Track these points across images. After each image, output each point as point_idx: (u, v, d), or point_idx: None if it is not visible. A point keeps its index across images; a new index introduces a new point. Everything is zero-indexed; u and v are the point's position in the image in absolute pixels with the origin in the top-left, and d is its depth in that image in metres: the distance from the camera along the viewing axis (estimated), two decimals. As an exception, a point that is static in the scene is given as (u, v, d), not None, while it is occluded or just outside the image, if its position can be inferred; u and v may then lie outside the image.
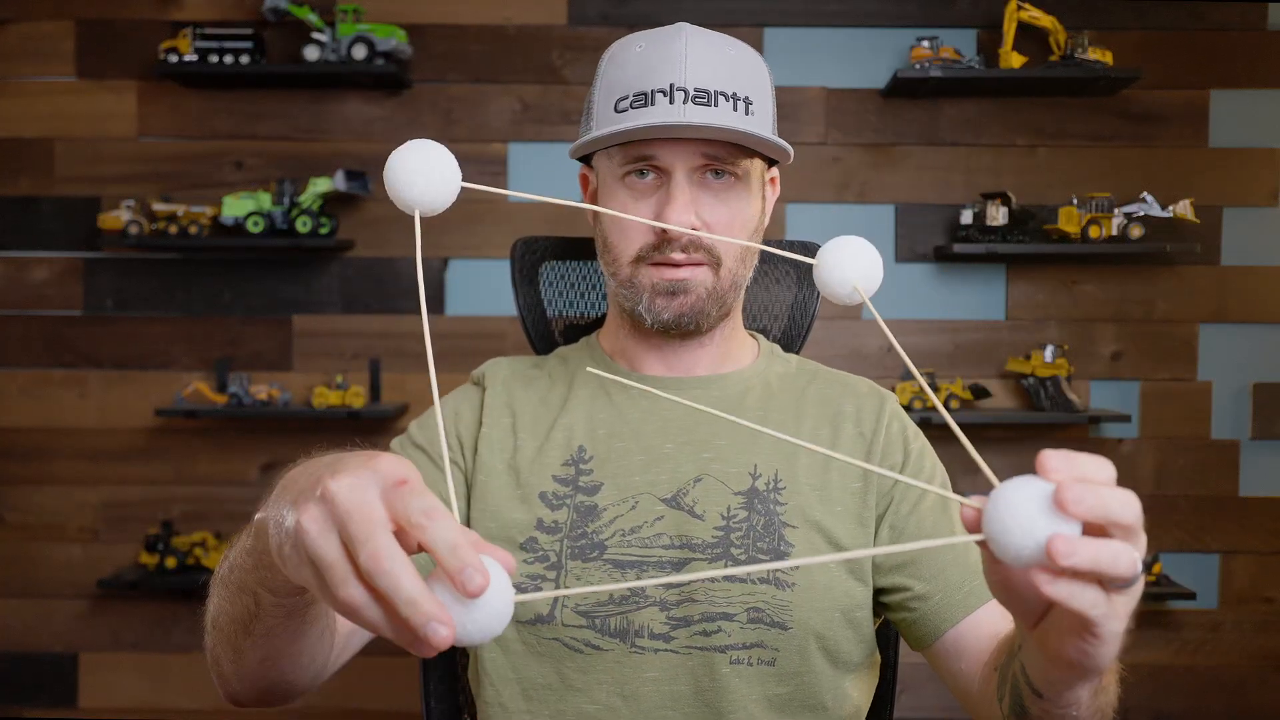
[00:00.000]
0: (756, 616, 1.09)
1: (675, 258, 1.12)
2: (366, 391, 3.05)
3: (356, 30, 2.91)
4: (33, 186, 3.10)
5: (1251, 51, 3.06)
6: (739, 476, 1.14)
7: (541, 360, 1.30)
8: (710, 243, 1.12)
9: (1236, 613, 3.08)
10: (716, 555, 1.10)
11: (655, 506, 1.12)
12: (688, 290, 1.13)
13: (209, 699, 3.12)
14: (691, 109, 1.08)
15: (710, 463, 1.14)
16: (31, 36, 3.09)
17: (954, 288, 3.10)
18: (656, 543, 1.11)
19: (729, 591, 1.09)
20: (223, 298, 3.11)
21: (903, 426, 1.21)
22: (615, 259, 1.15)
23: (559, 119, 3.09)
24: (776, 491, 1.13)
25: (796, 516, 1.12)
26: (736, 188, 1.13)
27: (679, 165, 1.10)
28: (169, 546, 2.99)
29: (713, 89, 1.09)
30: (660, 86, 1.09)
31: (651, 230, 1.12)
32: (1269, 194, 3.08)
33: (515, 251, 1.51)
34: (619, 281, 1.16)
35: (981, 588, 1.10)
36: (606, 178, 1.16)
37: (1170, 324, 3.10)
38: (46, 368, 3.12)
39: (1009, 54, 2.92)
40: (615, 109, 1.12)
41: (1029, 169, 3.09)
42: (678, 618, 1.09)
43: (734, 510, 1.12)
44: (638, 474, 1.14)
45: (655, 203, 1.12)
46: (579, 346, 1.30)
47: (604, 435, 1.17)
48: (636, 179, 1.13)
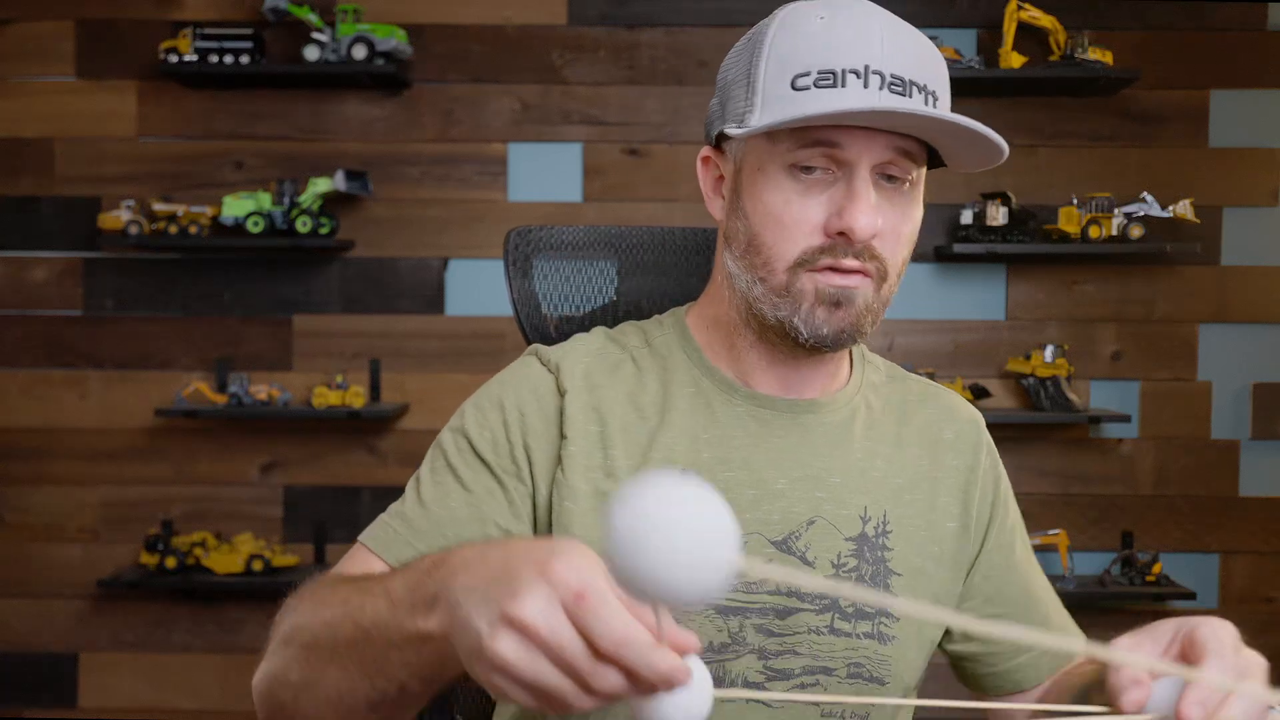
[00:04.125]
0: (856, 672, 1.02)
1: (847, 264, 0.97)
2: (366, 391, 3.05)
3: (356, 30, 2.91)
4: (33, 186, 3.10)
5: (1251, 51, 3.06)
6: (850, 520, 1.04)
7: (619, 336, 1.11)
8: (883, 252, 0.98)
9: (1236, 613, 3.07)
10: (824, 607, 1.01)
11: (764, 549, 1.02)
12: (852, 301, 0.98)
13: (209, 699, 3.12)
14: (887, 96, 0.94)
15: (823, 503, 1.03)
16: (31, 36, 3.09)
17: (954, 288, 3.10)
18: (762, 588, 1.01)
19: (832, 646, 1.01)
20: (223, 298, 3.11)
21: (995, 460, 1.13)
22: (768, 262, 0.99)
23: (559, 119, 3.09)
24: (885, 535, 1.04)
25: (902, 563, 1.04)
26: (910, 195, 1.00)
27: (865, 159, 0.96)
28: (169, 546, 2.99)
29: (907, 77, 0.95)
30: (853, 66, 0.94)
31: (820, 231, 0.97)
32: (1269, 194, 3.07)
33: (508, 243, 1.49)
34: (769, 289, 0.99)
35: (1055, 660, 1.09)
36: (765, 164, 0.99)
37: (1170, 324, 3.09)
38: (46, 368, 3.12)
39: (1009, 54, 2.92)
40: (793, 85, 0.95)
41: (1029, 169, 3.08)
42: (776, 669, 1.01)
43: (844, 558, 1.03)
44: (747, 511, 1.02)
45: (829, 200, 0.96)
46: (665, 327, 1.12)
47: (710, 460, 1.03)
48: (808, 173, 0.97)
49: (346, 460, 3.11)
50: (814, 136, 0.95)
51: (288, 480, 3.12)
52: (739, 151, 1.02)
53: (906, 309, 3.08)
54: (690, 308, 1.13)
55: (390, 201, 3.10)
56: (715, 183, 1.07)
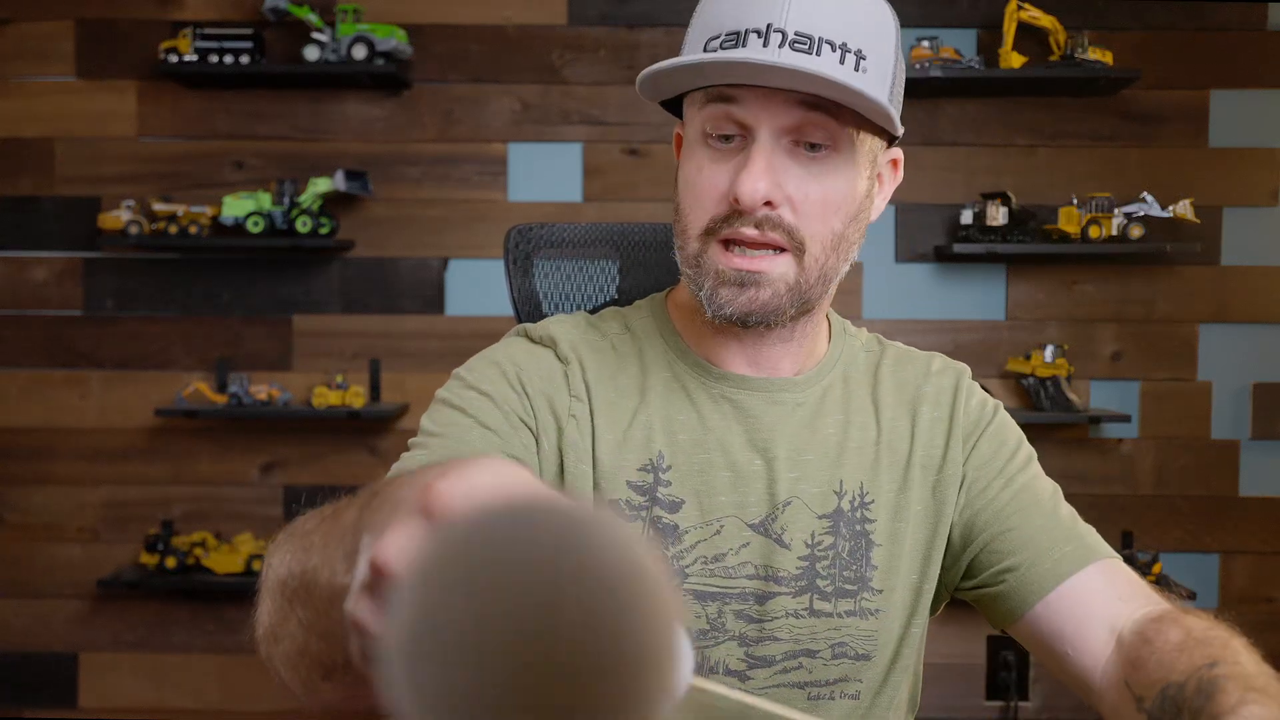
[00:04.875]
0: (840, 651, 1.00)
1: (746, 233, 0.94)
2: (366, 391, 3.05)
3: (356, 30, 2.91)
4: (33, 186, 3.10)
5: (1251, 51, 3.06)
6: (824, 497, 1.02)
7: (598, 322, 1.10)
8: (791, 222, 0.94)
9: (1237, 613, 3.06)
10: (801, 588, 1.00)
11: (742, 532, 1.00)
12: (760, 284, 0.95)
13: (209, 699, 3.13)
14: (787, 53, 0.90)
15: (798, 483, 1.02)
16: (31, 36, 3.09)
17: (954, 288, 3.10)
18: (740, 572, 1.00)
19: (814, 627, 1.00)
20: (223, 298, 3.11)
21: (982, 400, 1.09)
22: (684, 230, 0.99)
23: (559, 119, 3.09)
24: (864, 508, 1.02)
25: (883, 533, 1.02)
26: (834, 161, 0.95)
27: (764, 122, 0.92)
28: (169, 546, 2.99)
29: (817, 35, 0.90)
30: (755, 25, 0.91)
31: (725, 198, 0.94)
32: (1269, 194, 3.07)
33: (509, 241, 1.49)
34: (686, 257, 0.99)
35: (1075, 554, 0.99)
36: (690, 133, 0.99)
37: (1170, 324, 3.10)
38: (46, 368, 3.12)
39: (1009, 54, 2.92)
40: (705, 48, 0.94)
41: (1029, 169, 3.09)
42: (757, 656, 1.00)
43: (819, 536, 1.01)
44: (723, 493, 1.01)
45: (734, 168, 0.94)
46: (643, 311, 1.11)
47: (685, 442, 1.02)
48: (721, 143, 0.95)
49: (346, 460, 3.11)
50: (715, 94, 0.93)
51: (288, 480, 3.12)
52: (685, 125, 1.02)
53: (906, 309, 3.08)
54: (672, 290, 1.12)
55: (390, 201, 3.10)
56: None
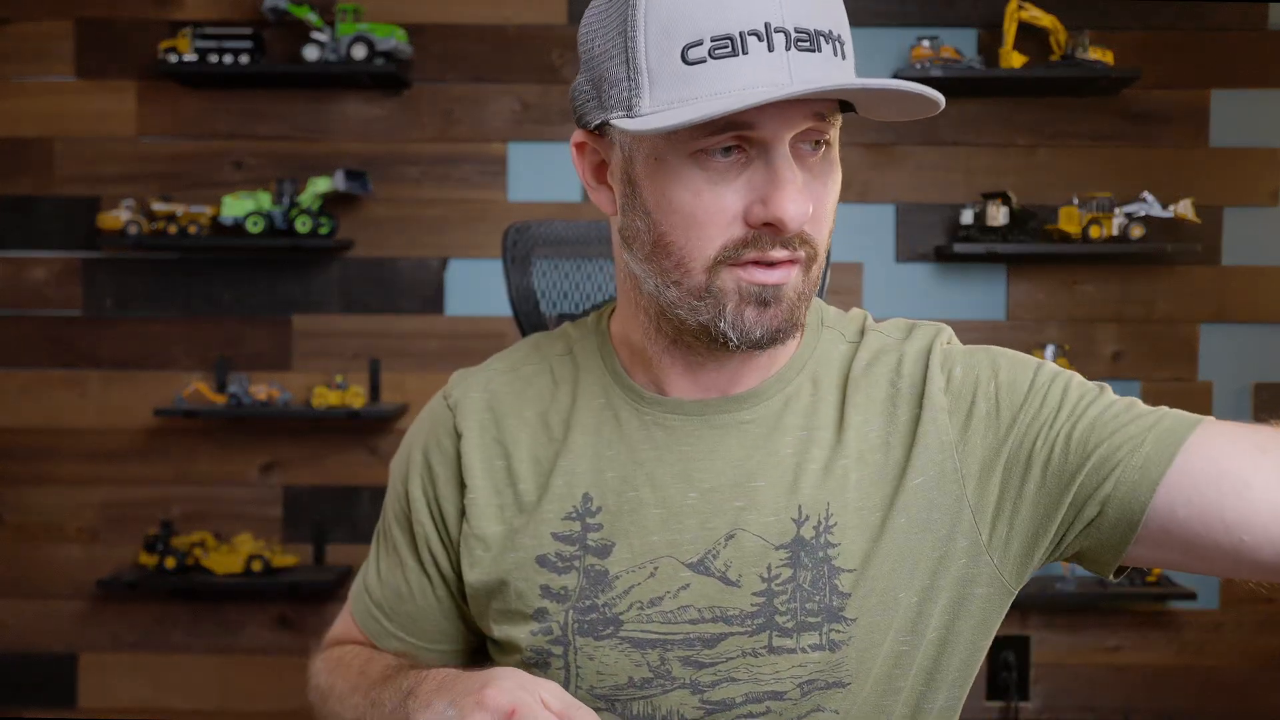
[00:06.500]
0: (810, 689, 0.90)
1: (776, 255, 0.84)
2: (366, 391, 3.05)
3: (356, 30, 2.91)
4: (33, 186, 3.10)
5: (1251, 51, 3.06)
6: (780, 526, 0.90)
7: (545, 342, 1.03)
8: (810, 232, 0.86)
9: (1237, 613, 3.07)
10: (759, 626, 0.89)
11: (679, 573, 0.91)
12: (780, 298, 0.86)
13: (208, 699, 3.12)
14: (796, 58, 0.80)
15: (743, 513, 0.91)
16: (31, 36, 3.09)
17: (954, 288, 3.10)
18: (682, 616, 0.91)
19: (776, 666, 0.89)
20: (222, 298, 3.11)
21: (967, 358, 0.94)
22: (681, 263, 0.85)
23: (559, 119, 3.09)
24: (828, 532, 0.90)
25: (852, 557, 0.90)
26: (830, 155, 0.88)
27: (782, 135, 0.82)
28: (169, 547, 2.99)
29: (813, 28, 0.81)
30: (752, 26, 0.79)
31: (740, 221, 0.83)
32: (1269, 194, 3.07)
33: (507, 238, 1.48)
34: (686, 291, 0.86)
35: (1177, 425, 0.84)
36: (664, 154, 0.84)
37: (1171, 324, 3.09)
38: (46, 368, 3.12)
39: (1009, 54, 2.92)
40: (685, 58, 0.80)
41: (1029, 169, 3.08)
42: (714, 701, 0.90)
43: (776, 569, 0.90)
44: (655, 533, 0.92)
45: (748, 185, 0.83)
46: (587, 333, 1.02)
47: (613, 480, 0.94)
48: (718, 157, 0.83)
49: (346, 460, 3.11)
50: (722, 121, 0.80)
51: (287, 480, 3.12)
52: (626, 138, 0.86)
53: (906, 309, 3.08)
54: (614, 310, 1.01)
55: (390, 201, 3.10)
56: (597, 170, 0.92)
